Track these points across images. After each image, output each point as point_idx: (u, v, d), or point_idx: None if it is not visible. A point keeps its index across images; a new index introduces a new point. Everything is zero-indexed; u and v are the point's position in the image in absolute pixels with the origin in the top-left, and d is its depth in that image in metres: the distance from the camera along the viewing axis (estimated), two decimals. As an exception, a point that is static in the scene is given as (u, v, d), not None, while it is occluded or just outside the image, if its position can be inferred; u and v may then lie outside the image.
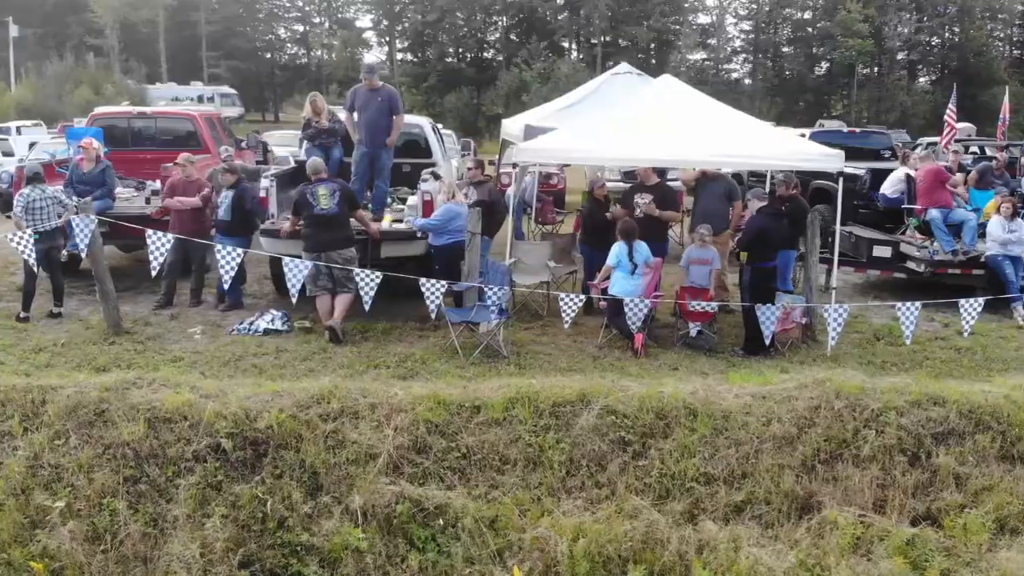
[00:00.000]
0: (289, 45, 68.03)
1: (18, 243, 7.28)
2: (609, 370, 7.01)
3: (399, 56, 62.03)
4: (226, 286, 7.90)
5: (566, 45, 60.44)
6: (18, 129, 38.03)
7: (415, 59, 61.16)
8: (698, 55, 58.31)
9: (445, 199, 8.47)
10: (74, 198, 9.04)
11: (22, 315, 8.35)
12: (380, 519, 4.86)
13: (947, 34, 57.58)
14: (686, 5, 57.78)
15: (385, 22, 61.60)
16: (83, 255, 7.56)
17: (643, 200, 8.42)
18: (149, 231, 7.37)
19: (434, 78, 57.72)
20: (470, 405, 5.62)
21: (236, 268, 7.60)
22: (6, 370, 6.62)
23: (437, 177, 9.33)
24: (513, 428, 5.53)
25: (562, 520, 4.93)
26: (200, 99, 51.07)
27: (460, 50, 60.33)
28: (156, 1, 55.94)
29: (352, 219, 8.21)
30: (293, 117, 60.31)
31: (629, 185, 10.13)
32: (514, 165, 8.98)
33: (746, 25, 58.00)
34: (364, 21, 66.51)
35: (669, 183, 9.61)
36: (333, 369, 7.01)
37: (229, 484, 5.10)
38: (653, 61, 61.12)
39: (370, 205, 9.26)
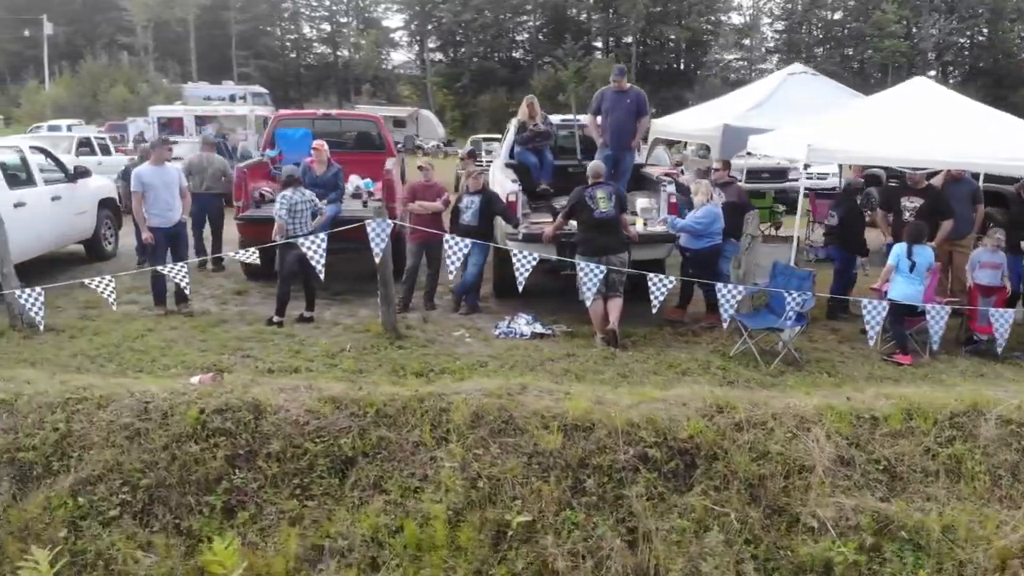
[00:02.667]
0: (316, 44, 67.79)
1: (309, 247, 7.20)
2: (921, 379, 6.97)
3: (430, 56, 61.94)
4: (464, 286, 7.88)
5: (598, 45, 60.44)
6: (69, 127, 37.89)
7: (447, 59, 61.04)
8: (732, 55, 58.34)
9: (704, 200, 8.36)
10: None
11: (275, 319, 8.23)
12: (848, 532, 4.77)
13: (978, 36, 57.81)
14: (719, 5, 57.83)
15: (416, 23, 61.42)
16: (376, 259, 7.43)
17: (912, 204, 8.33)
18: (447, 235, 7.27)
19: (467, 78, 57.64)
20: (868, 416, 5.53)
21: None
22: (330, 376, 6.49)
23: (706, 174, 9.19)
24: (918, 439, 5.44)
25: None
26: (232, 98, 50.87)
27: (491, 51, 60.21)
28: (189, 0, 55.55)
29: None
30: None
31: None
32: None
33: (779, 25, 58.14)
34: (392, 20, 66.39)
35: None
36: (642, 375, 6.92)
37: (670, 495, 4.99)
38: (682, 60, 61.40)
39: None
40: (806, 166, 8.41)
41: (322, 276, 7.45)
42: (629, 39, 59.14)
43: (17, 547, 4.55)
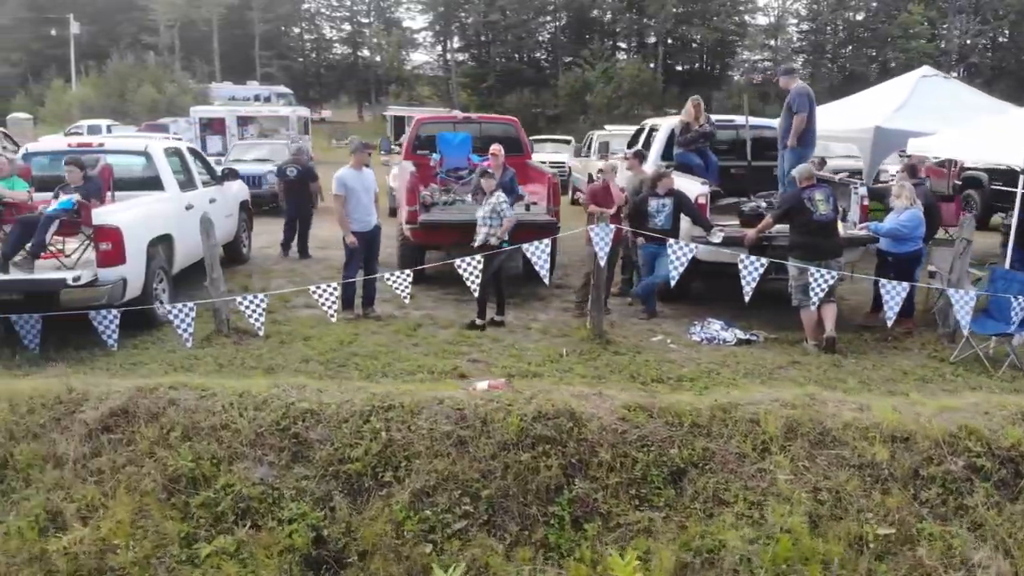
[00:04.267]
0: (336, 45, 67.52)
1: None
2: None
3: (453, 57, 61.72)
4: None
5: (623, 45, 60.37)
6: (108, 128, 37.70)
7: (473, 60, 60.89)
8: (758, 55, 58.35)
9: (907, 204, 8.26)
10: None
11: (478, 322, 8.15)
12: None
13: (999, 38, 57.87)
14: (743, 6, 57.78)
15: (440, 24, 61.25)
16: (601, 262, 7.34)
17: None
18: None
19: (492, 78, 57.49)
20: None
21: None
22: (575, 381, 6.40)
23: (914, 173, 9.07)
24: None
25: None
26: (257, 98, 50.74)
27: (517, 51, 60.03)
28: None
29: None
30: (341, 117, 60.12)
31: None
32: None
33: (805, 26, 58.10)
34: (415, 21, 66.27)
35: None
36: (881, 382, 6.84)
37: (1006, 504, 4.90)
38: (706, 61, 61.35)
39: None
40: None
41: (547, 280, 7.37)
42: (652, 39, 59.06)
43: (382, 562, 4.44)
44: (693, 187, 8.71)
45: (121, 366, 6.61)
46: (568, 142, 28.21)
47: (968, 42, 54.68)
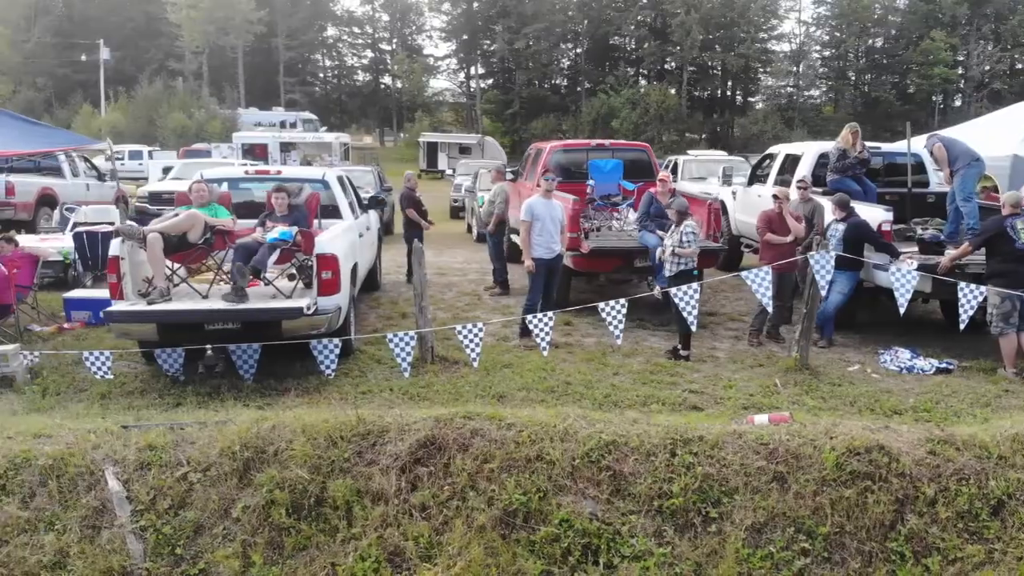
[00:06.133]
0: (359, 72, 68.09)
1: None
2: None
3: (478, 83, 62.24)
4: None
5: (645, 72, 60.92)
6: (150, 153, 37.80)
7: (497, 87, 61.38)
8: (782, 82, 58.88)
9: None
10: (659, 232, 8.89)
11: (682, 352, 8.04)
12: None
13: (1019, 64, 58.52)
14: (771, 32, 58.39)
15: (464, 51, 61.83)
16: (822, 291, 7.30)
17: None
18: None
19: (517, 104, 57.93)
20: None
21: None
22: (822, 413, 6.32)
23: None
24: None
25: None
26: (283, 124, 50.99)
27: (539, 79, 60.52)
28: (243, 26, 55.77)
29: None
30: (363, 143, 60.45)
31: None
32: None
33: (826, 52, 58.72)
34: (437, 48, 66.90)
35: None
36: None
37: None
38: (729, 87, 61.87)
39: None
40: None
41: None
42: (671, 65, 59.64)
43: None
44: (875, 214, 8.68)
45: (353, 395, 6.56)
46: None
47: (988, 67, 55.31)
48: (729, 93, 60.88)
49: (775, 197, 8.83)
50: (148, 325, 6.61)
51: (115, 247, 6.73)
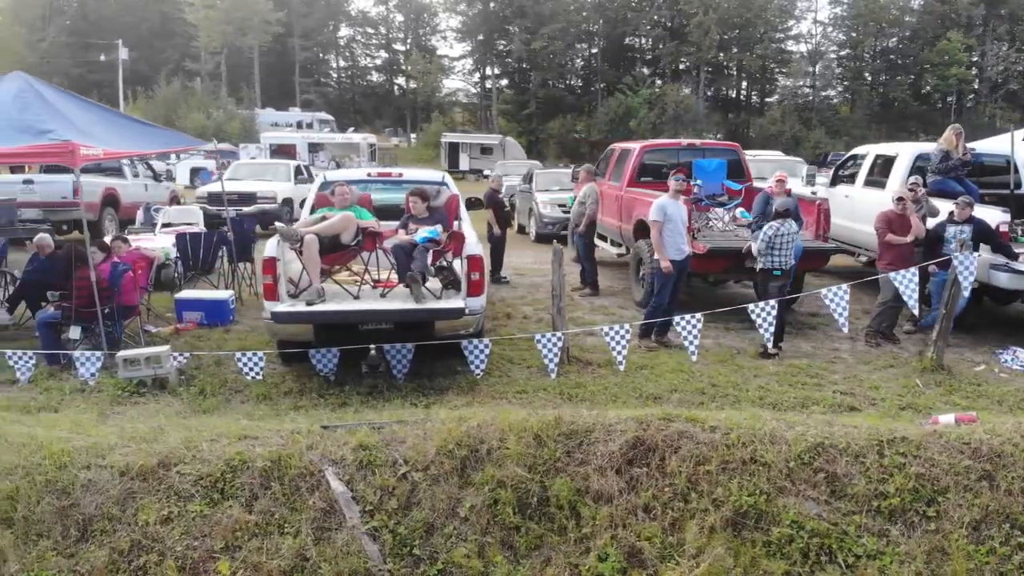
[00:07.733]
0: (373, 73, 68.11)
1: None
2: None
3: (494, 84, 62.25)
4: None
5: (660, 72, 60.95)
6: (177, 155, 37.78)
7: (514, 88, 61.40)
8: (800, 81, 58.96)
9: None
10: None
11: (771, 350, 8.08)
12: None
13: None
14: (780, 35, 58.48)
15: (479, 52, 61.84)
16: (964, 293, 7.34)
17: None
18: None
19: (534, 105, 57.94)
20: None
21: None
22: (981, 413, 6.36)
23: None
24: None
25: None
26: (300, 124, 51.03)
27: (555, 79, 60.53)
28: (261, 26, 55.79)
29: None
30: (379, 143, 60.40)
31: None
32: None
33: (843, 52, 58.80)
34: (452, 49, 66.97)
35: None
36: None
37: None
38: (744, 87, 61.94)
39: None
40: None
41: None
42: (685, 64, 59.66)
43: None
44: (993, 215, 8.73)
45: (510, 395, 6.61)
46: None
47: (1004, 68, 55.36)
48: (745, 93, 60.94)
49: (899, 199, 8.83)
50: (305, 326, 6.64)
51: (272, 248, 6.76)
